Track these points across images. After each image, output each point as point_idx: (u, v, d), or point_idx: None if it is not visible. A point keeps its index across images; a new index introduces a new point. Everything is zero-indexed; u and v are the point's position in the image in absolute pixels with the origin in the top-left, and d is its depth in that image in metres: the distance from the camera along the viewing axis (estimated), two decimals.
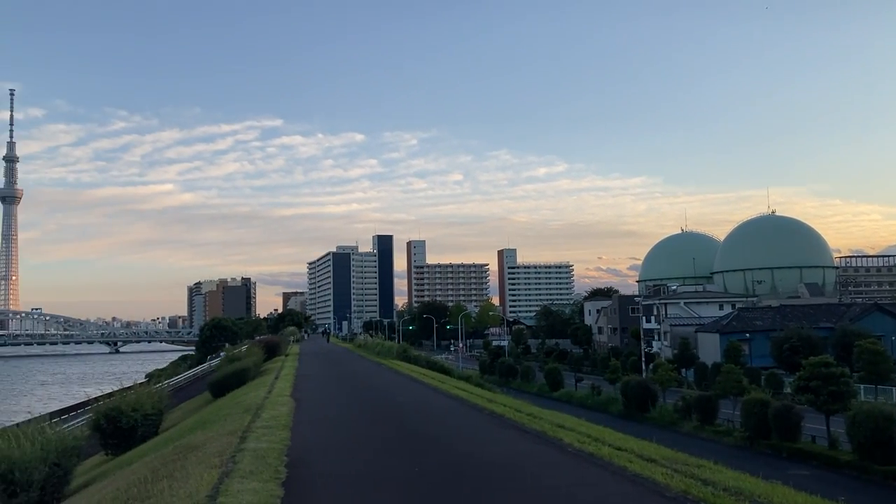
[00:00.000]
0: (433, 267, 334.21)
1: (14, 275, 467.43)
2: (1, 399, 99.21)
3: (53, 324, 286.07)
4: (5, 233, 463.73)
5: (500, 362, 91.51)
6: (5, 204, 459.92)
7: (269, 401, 19.07)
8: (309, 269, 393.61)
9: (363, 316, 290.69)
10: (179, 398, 38.56)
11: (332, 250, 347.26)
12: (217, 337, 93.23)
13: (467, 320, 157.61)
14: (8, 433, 15.57)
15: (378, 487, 9.61)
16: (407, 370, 37.17)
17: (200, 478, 9.07)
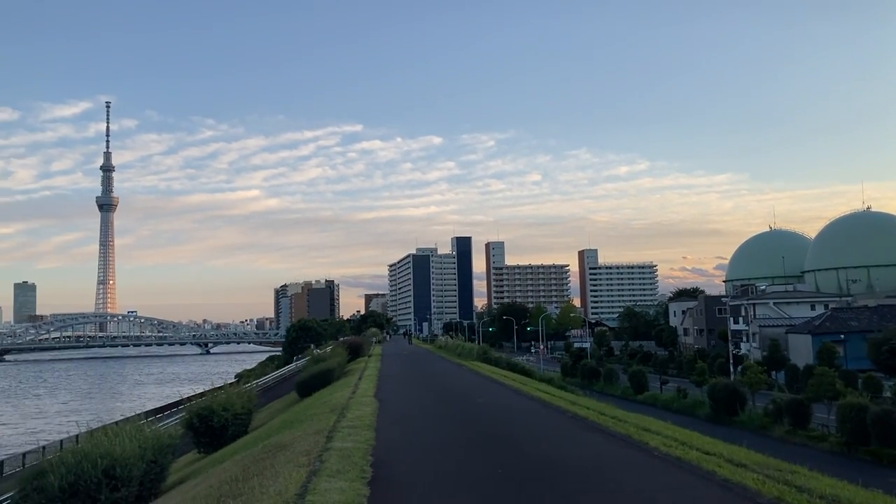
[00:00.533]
0: (512, 268, 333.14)
1: (111, 279, 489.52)
2: (101, 398, 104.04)
3: (148, 326, 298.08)
4: (103, 239, 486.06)
5: (582, 364, 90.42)
6: (103, 211, 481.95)
7: (354, 401, 19.38)
8: (389, 272, 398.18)
9: (443, 317, 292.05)
10: (267, 398, 39.59)
11: (412, 252, 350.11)
12: (302, 338, 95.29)
13: (548, 322, 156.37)
14: (109, 431, 16.24)
15: (462, 487, 9.65)
16: (488, 372, 37.17)
17: (289, 476, 9.30)
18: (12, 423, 77.34)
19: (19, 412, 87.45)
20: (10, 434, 67.80)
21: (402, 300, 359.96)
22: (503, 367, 45.20)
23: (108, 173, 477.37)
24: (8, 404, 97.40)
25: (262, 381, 55.99)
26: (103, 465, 13.94)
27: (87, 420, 57.27)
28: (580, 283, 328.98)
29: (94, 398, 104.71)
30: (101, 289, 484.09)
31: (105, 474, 13.83)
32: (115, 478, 13.93)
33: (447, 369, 40.29)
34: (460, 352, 56.96)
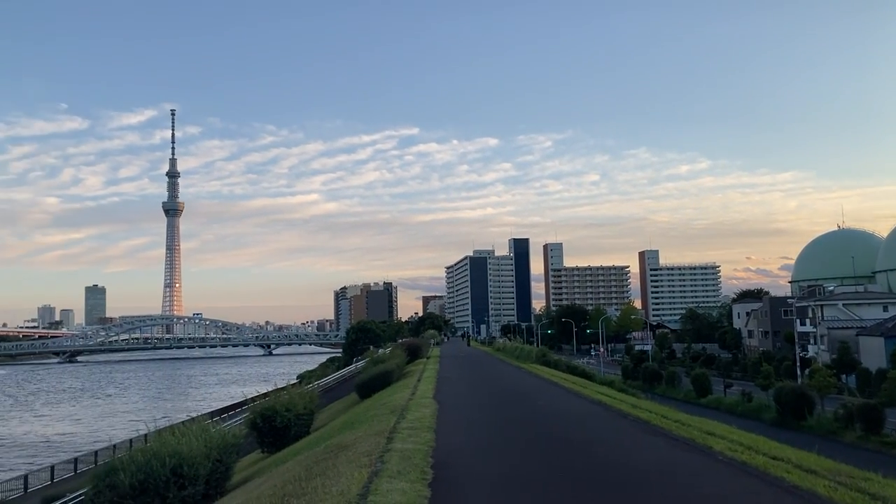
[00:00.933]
0: (571, 270, 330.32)
1: (177, 282, 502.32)
2: (168, 398, 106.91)
3: (213, 328, 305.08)
4: (169, 243, 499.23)
5: (643, 367, 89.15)
6: (169, 216, 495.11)
7: (413, 402, 19.48)
8: (447, 274, 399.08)
9: (501, 319, 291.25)
10: (328, 398, 40.08)
11: (469, 254, 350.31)
12: (362, 339, 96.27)
13: (608, 324, 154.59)
14: (176, 430, 16.66)
15: (523, 490, 9.61)
16: (547, 374, 36.94)
17: (351, 477, 9.40)
18: (86, 421, 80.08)
19: (92, 411, 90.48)
20: (84, 432, 70.21)
21: (460, 302, 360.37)
22: (562, 370, 44.86)
23: (174, 179, 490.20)
24: (81, 404, 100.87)
25: (324, 382, 56.71)
26: (171, 463, 14.31)
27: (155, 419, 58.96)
28: (641, 284, 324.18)
29: (161, 398, 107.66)
30: (168, 292, 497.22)
31: (173, 473, 14.21)
32: (183, 476, 14.29)
33: (506, 371, 40.18)
34: (519, 354, 56.73)
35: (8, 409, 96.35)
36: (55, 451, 58.92)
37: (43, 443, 64.60)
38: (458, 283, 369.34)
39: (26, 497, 34.08)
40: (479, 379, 34.29)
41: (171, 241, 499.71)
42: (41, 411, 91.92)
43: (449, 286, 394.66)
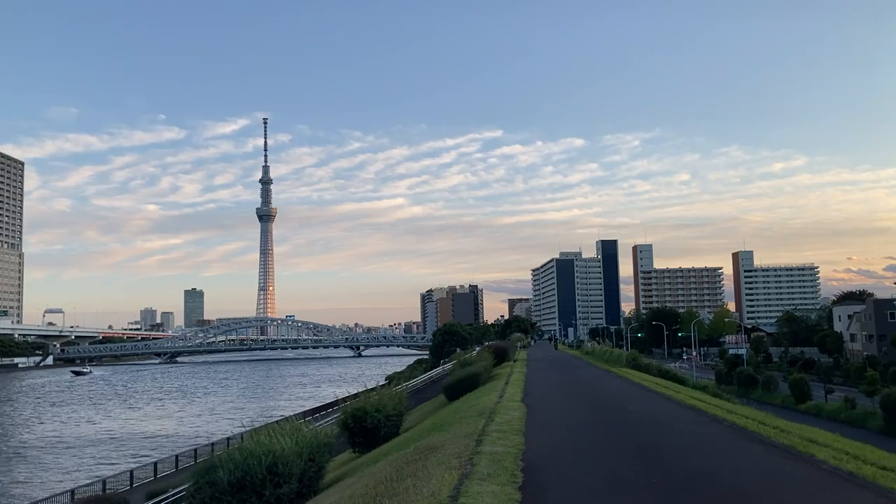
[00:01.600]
0: (661, 272, 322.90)
1: (271, 285, 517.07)
2: (263, 398, 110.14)
3: (304, 329, 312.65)
4: (263, 248, 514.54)
5: (738, 372, 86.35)
6: (262, 222, 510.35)
7: (501, 405, 19.42)
8: (533, 276, 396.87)
9: (589, 322, 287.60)
10: (416, 400, 40.42)
11: (556, 256, 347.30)
12: (448, 342, 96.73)
13: (700, 327, 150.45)
14: (270, 429, 17.08)
15: (613, 496, 9.45)
16: (637, 378, 36.20)
17: (441, 478, 9.44)
18: (186, 419, 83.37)
19: (192, 410, 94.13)
20: (185, 429, 73.12)
21: (547, 305, 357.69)
22: (654, 374, 43.87)
23: (267, 186, 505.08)
24: (182, 402, 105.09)
25: (412, 383, 57.25)
26: (267, 462, 14.69)
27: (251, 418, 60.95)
28: (734, 286, 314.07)
29: (256, 398, 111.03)
30: (262, 295, 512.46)
31: (269, 471, 14.58)
32: (278, 474, 14.65)
33: (595, 375, 39.61)
34: (608, 358, 55.84)
35: (115, 407, 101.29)
36: (158, 447, 61.56)
37: (147, 439, 67.60)
38: (544, 285, 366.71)
39: (132, 491, 35.70)
40: (567, 383, 33.92)
41: (265, 246, 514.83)
42: (145, 410, 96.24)
43: (535, 289, 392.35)
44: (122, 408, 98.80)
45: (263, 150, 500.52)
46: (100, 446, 63.93)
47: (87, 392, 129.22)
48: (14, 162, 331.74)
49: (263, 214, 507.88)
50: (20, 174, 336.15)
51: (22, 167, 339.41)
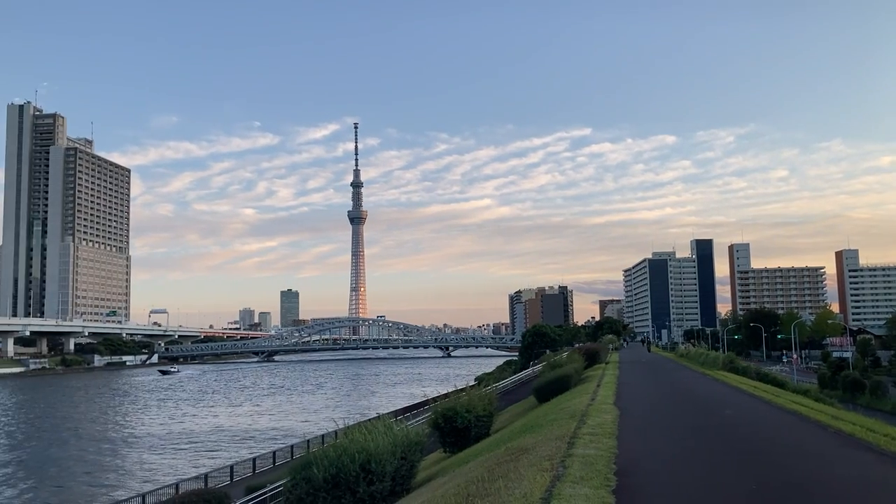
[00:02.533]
0: (759, 271, 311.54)
1: (362, 286, 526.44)
2: (356, 396, 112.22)
3: (395, 330, 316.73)
4: (354, 249, 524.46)
5: (842, 376, 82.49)
6: (353, 224, 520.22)
7: (593, 408, 19.18)
8: (625, 277, 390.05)
9: (683, 324, 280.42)
10: (506, 401, 40.34)
11: (648, 257, 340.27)
12: (537, 343, 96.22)
13: (801, 329, 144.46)
14: (364, 427, 17.38)
15: (713, 502, 9.20)
16: (735, 381, 35.08)
17: (533, 480, 9.41)
18: (282, 416, 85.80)
19: (288, 407, 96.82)
20: (281, 426, 75.28)
21: (639, 306, 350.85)
22: (752, 378, 42.39)
23: (358, 189, 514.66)
24: (278, 400, 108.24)
25: (501, 385, 57.18)
26: (360, 459, 14.96)
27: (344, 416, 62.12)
28: (838, 286, 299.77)
29: (349, 396, 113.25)
30: (354, 295, 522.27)
31: (362, 468, 14.84)
32: (371, 472, 14.89)
33: (690, 378, 38.60)
34: (703, 360, 54.30)
35: (217, 403, 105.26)
36: (256, 443, 63.60)
37: (244, 435, 69.94)
38: (636, 286, 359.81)
39: (232, 486, 36.97)
40: (661, 385, 33.19)
41: (356, 248, 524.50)
42: (243, 406, 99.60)
43: (627, 290, 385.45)
44: (222, 405, 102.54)
45: (354, 155, 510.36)
46: (201, 441, 66.54)
47: (189, 389, 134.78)
48: (121, 170, 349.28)
49: (354, 217, 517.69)
50: (127, 181, 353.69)
51: (128, 174, 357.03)
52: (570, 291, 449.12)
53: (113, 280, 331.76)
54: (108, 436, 72.05)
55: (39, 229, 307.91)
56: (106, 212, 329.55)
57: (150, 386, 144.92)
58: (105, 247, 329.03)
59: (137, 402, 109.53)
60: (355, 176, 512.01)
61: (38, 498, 44.62)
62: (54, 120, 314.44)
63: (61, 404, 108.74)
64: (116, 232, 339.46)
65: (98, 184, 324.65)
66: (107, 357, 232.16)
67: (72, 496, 44.78)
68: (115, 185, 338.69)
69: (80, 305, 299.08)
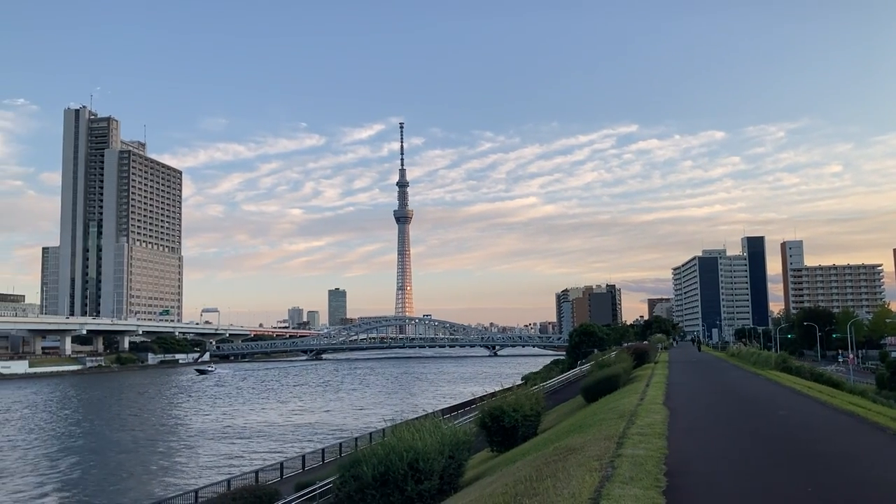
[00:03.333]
0: (813, 269, 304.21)
1: (408, 285, 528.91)
2: (403, 394, 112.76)
3: (441, 328, 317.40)
4: (400, 249, 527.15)
5: None
6: (399, 224, 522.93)
7: (642, 408, 18.98)
8: (674, 275, 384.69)
9: (734, 323, 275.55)
10: (553, 401, 40.14)
11: (698, 255, 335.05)
12: (585, 343, 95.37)
13: (858, 328, 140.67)
14: (411, 426, 17.46)
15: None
16: (788, 382, 34.33)
17: (582, 480, 9.36)
18: (331, 413, 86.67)
19: (336, 404, 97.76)
20: (330, 423, 76.05)
21: (689, 305, 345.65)
22: (806, 378, 41.44)
23: (403, 188, 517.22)
24: (327, 398, 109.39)
25: (548, 384, 56.89)
26: (408, 458, 15.04)
27: (392, 414, 62.49)
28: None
29: (396, 394, 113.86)
30: (400, 294, 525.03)
31: (410, 467, 14.93)
32: (419, 471, 14.97)
33: (741, 378, 37.90)
34: (755, 360, 53.23)
35: (267, 400, 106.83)
36: (306, 439, 64.38)
37: (294, 432, 70.84)
38: (686, 284, 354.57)
39: (282, 482, 37.50)
40: (712, 385, 32.67)
41: (402, 247, 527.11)
42: (293, 403, 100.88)
43: (676, 288, 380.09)
44: (272, 402, 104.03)
45: (400, 154, 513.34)
46: (251, 437, 67.62)
47: (238, 386, 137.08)
48: (173, 171, 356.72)
49: (400, 216, 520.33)
50: (179, 183, 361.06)
51: (180, 176, 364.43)
52: (617, 290, 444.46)
53: (166, 280, 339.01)
54: (161, 432, 73.71)
55: (95, 230, 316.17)
56: (159, 213, 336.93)
57: (199, 384, 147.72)
58: (158, 247, 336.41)
59: (190, 399, 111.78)
60: (401, 175, 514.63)
61: (92, 494, 45.85)
62: (108, 123, 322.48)
63: (117, 401, 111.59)
64: (169, 232, 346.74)
65: (151, 185, 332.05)
66: (160, 355, 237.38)
67: (125, 492, 45.92)
68: (167, 187, 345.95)
69: (134, 305, 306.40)
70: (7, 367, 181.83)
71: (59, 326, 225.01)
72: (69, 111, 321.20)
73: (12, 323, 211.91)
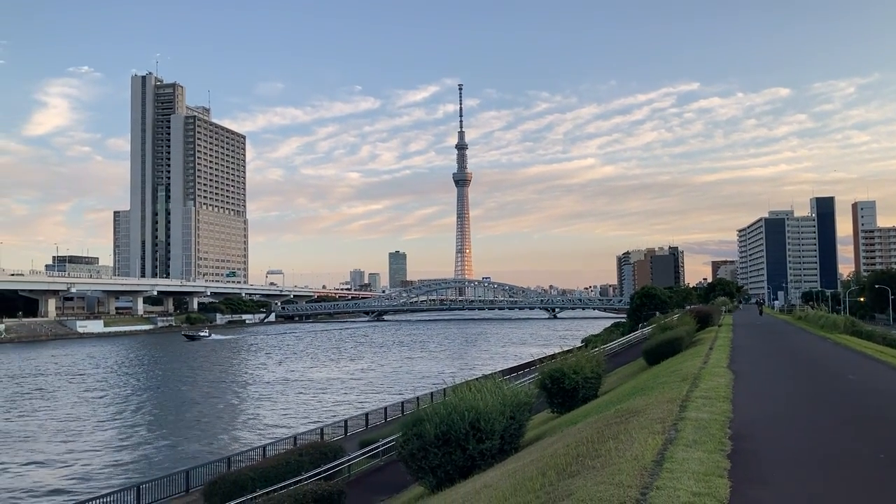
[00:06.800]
0: (886, 230, 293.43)
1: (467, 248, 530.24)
2: (463, 355, 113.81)
3: (500, 291, 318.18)
4: (459, 211, 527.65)
5: None
6: (458, 186, 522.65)
7: (706, 371, 18.76)
8: (738, 237, 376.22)
9: (801, 286, 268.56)
10: (614, 364, 40.00)
11: (764, 216, 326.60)
12: (646, 305, 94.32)
13: None
14: (472, 386, 17.62)
15: (835, 470, 8.88)
16: (858, 346, 33.43)
17: (644, 442, 9.34)
18: (394, 373, 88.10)
19: (398, 365, 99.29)
20: (391, 382, 77.36)
21: (754, 267, 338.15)
22: (878, 342, 40.27)
23: (462, 151, 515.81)
24: (389, 357, 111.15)
25: (609, 346, 56.63)
26: (470, 417, 15.20)
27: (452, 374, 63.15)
28: None
29: (456, 355, 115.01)
30: (459, 257, 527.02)
31: (471, 426, 15.09)
32: (480, 430, 15.13)
33: (808, 342, 37.06)
34: (823, 323, 51.95)
35: (333, 360, 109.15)
36: (368, 397, 65.65)
37: (358, 390, 72.31)
38: (751, 246, 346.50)
39: (346, 439, 38.41)
40: (778, 348, 32.04)
41: (461, 210, 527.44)
42: (356, 363, 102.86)
43: (741, 250, 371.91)
44: (336, 360, 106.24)
45: (459, 116, 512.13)
46: (316, 395, 69.29)
47: (307, 345, 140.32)
48: (237, 136, 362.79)
49: (459, 179, 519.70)
50: (242, 147, 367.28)
51: (244, 140, 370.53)
52: (680, 252, 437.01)
53: (232, 242, 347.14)
54: (230, 389, 76.13)
55: (163, 195, 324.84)
56: (224, 177, 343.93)
57: (271, 342, 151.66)
58: (224, 210, 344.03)
59: (257, 357, 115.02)
60: (460, 138, 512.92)
61: (165, 447, 47.78)
62: (174, 89, 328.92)
63: (188, 359, 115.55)
64: (234, 196, 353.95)
65: (216, 150, 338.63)
66: (227, 315, 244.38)
67: (196, 446, 47.70)
68: (231, 151, 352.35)
69: (202, 266, 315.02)
70: (84, 326, 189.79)
71: (132, 288, 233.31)
72: (136, 78, 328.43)
73: (88, 284, 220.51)
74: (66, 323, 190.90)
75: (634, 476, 7.58)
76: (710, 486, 7.33)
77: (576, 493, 7.31)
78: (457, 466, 14.71)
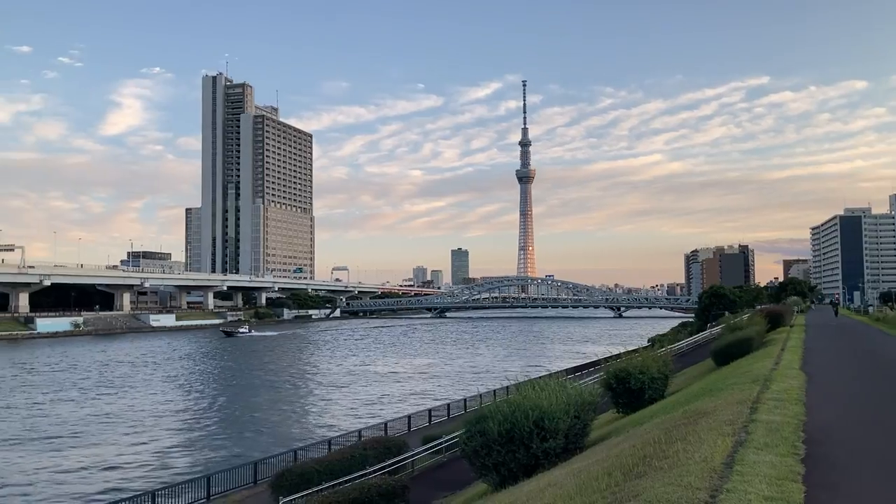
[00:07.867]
0: None
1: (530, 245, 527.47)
2: (526, 353, 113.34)
3: (564, 289, 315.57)
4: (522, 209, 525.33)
5: None
6: (521, 183, 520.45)
7: (777, 372, 18.26)
8: (812, 235, 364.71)
9: (878, 286, 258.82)
10: (682, 364, 39.26)
11: (839, 213, 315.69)
12: (715, 305, 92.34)
13: None
14: (536, 385, 17.54)
15: None
16: None
17: (714, 444, 9.16)
18: (457, 370, 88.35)
19: (460, 361, 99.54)
20: (453, 380, 77.61)
21: (829, 266, 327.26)
22: None
23: (526, 148, 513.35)
24: (451, 354, 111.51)
25: (676, 346, 55.62)
26: (533, 416, 15.14)
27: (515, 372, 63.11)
28: None
29: (519, 353, 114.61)
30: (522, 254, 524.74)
31: (535, 425, 15.03)
32: (544, 429, 15.05)
33: (887, 344, 35.70)
34: None
35: (395, 355, 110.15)
36: (431, 394, 66.01)
37: (421, 386, 72.78)
38: (825, 245, 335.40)
39: (409, 435, 38.72)
40: (853, 350, 30.96)
41: (524, 207, 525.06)
42: (420, 359, 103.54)
43: (814, 249, 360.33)
44: (399, 356, 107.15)
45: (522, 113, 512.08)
46: (379, 390, 70.01)
47: (370, 340, 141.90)
48: (304, 135, 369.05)
49: (523, 176, 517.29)
50: (309, 145, 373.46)
51: (310, 139, 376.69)
52: (750, 251, 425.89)
53: (299, 239, 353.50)
54: (298, 383, 77.60)
55: (233, 192, 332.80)
56: (291, 175, 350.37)
57: (334, 337, 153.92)
58: (291, 208, 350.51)
59: (323, 351, 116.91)
60: (523, 135, 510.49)
61: (233, 439, 48.98)
62: (243, 89, 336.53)
63: (258, 353, 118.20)
64: (301, 194, 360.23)
65: (283, 149, 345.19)
66: (294, 311, 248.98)
67: (264, 438, 48.76)
68: (298, 150, 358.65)
69: (270, 262, 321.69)
70: (157, 319, 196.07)
71: (203, 283, 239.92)
72: (207, 78, 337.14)
73: (161, 279, 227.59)
74: (140, 317, 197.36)
75: (703, 478, 7.44)
76: (783, 491, 7.15)
77: (643, 493, 7.22)
78: (520, 464, 14.69)
